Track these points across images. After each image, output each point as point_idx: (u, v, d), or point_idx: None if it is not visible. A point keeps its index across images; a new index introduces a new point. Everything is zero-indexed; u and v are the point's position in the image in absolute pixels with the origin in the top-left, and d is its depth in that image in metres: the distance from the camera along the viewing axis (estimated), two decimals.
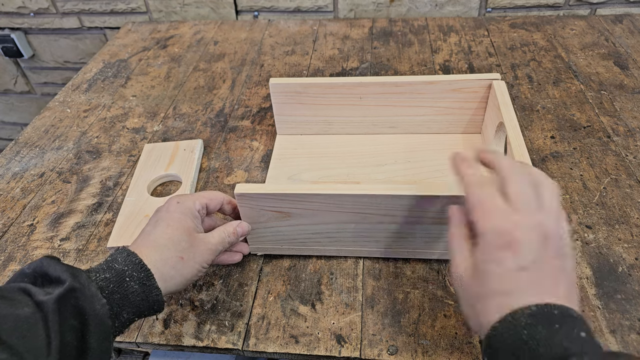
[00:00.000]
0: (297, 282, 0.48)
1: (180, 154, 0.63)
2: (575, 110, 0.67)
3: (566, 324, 0.27)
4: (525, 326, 0.27)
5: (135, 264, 0.36)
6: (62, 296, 0.31)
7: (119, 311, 0.34)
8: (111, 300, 0.34)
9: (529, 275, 0.29)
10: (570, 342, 0.26)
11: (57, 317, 0.30)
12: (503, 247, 0.30)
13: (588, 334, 0.27)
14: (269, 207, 0.44)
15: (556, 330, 0.27)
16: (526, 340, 0.27)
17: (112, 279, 0.34)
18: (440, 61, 0.81)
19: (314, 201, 0.43)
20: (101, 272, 0.35)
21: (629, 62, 0.76)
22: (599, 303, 0.44)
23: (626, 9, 0.93)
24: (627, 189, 0.55)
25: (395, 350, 0.42)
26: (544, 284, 0.29)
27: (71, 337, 0.31)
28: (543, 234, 0.30)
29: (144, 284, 0.35)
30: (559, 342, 0.26)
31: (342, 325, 0.44)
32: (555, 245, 0.30)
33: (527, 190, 0.32)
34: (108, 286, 0.34)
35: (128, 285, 0.35)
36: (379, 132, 0.64)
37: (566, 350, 0.26)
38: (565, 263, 0.30)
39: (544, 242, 0.30)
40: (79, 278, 0.32)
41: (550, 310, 0.27)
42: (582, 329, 0.27)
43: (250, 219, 0.46)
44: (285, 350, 0.43)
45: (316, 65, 0.83)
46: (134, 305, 0.35)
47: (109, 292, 0.34)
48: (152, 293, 0.36)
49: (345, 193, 0.42)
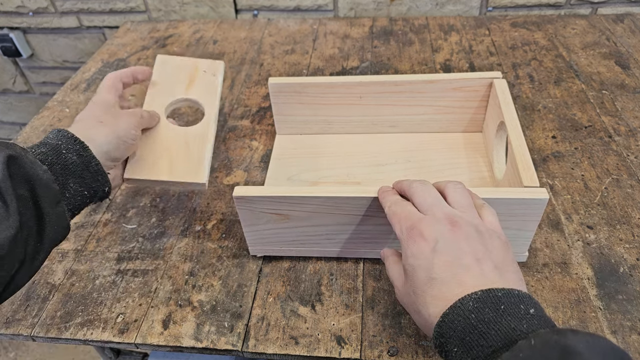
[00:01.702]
0: (296, 283, 0.48)
1: (201, 76, 0.56)
2: (576, 109, 0.67)
3: (512, 303, 0.28)
4: (473, 310, 0.28)
5: (68, 137, 0.38)
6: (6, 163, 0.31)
7: (64, 181, 0.35)
8: (53, 170, 0.35)
9: (446, 258, 0.31)
10: (518, 322, 0.27)
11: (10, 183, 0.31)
12: (416, 237, 0.33)
13: (537, 310, 0.28)
14: (268, 209, 0.44)
15: (503, 311, 0.27)
16: (475, 325, 0.27)
17: (49, 153, 0.36)
18: (441, 60, 0.80)
19: (313, 203, 0.43)
20: (36, 148, 0.36)
21: (630, 62, 0.76)
22: (600, 304, 0.44)
23: (627, 8, 0.93)
24: (628, 189, 0.54)
25: (396, 351, 0.42)
26: (466, 264, 0.31)
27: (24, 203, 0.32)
28: (450, 222, 0.33)
29: (80, 154, 0.37)
30: (507, 322, 0.27)
31: (342, 327, 0.44)
32: (465, 231, 0.32)
33: (429, 195, 0.36)
34: (47, 159, 0.35)
35: (66, 157, 0.36)
36: (379, 131, 0.63)
37: (514, 330, 0.26)
38: (487, 245, 0.32)
39: (452, 229, 0.32)
40: (14, 148, 0.33)
41: (495, 293, 0.28)
42: (530, 306, 0.28)
43: (249, 221, 0.46)
44: (285, 352, 0.42)
45: (316, 65, 0.82)
46: (77, 175, 0.36)
47: (49, 163, 0.35)
48: (92, 163, 0.38)
49: (344, 195, 0.41)
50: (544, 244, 0.49)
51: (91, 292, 0.49)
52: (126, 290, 0.49)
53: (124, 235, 0.55)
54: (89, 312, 0.47)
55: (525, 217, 0.42)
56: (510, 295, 0.28)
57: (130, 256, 0.52)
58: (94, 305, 0.48)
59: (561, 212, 0.52)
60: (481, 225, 0.34)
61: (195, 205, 0.58)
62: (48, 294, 0.50)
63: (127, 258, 0.52)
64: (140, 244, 0.54)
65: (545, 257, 0.48)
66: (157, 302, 0.48)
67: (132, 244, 0.54)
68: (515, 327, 0.26)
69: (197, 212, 0.57)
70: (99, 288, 0.49)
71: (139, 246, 0.53)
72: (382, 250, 0.39)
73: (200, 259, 0.51)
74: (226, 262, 0.51)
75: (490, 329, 0.27)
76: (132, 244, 0.54)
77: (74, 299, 0.49)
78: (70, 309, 0.48)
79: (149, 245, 0.53)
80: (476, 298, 0.28)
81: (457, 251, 0.31)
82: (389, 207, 0.38)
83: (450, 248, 0.32)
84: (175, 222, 0.56)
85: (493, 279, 0.30)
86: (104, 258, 0.53)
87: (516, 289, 0.29)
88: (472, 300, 0.28)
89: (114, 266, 0.52)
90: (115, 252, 0.53)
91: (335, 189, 0.42)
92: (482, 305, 0.28)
